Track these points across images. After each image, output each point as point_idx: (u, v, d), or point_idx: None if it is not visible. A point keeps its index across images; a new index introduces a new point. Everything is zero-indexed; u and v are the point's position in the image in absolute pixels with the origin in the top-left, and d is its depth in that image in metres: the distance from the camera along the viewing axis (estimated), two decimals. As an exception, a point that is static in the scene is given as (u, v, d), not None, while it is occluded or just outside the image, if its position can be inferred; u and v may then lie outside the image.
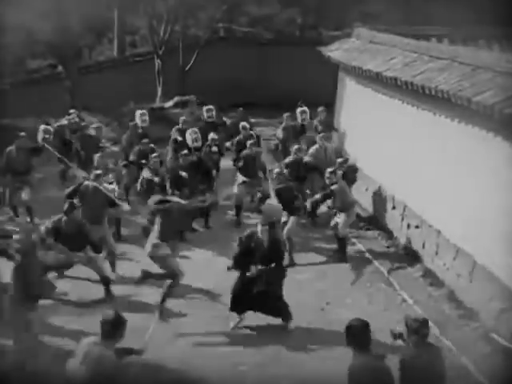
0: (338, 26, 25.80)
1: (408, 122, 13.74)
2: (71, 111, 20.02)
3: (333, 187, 13.35)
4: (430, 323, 7.24)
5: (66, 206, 11.53)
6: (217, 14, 29.37)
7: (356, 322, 6.84)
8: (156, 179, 14.00)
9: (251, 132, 17.19)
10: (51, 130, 16.18)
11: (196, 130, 16.21)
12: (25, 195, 15.00)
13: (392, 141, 14.46)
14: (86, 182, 12.80)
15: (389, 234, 14.39)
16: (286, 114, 18.38)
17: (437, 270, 12.28)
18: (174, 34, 27.84)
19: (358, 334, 6.71)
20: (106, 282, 11.60)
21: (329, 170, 13.68)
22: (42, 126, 16.25)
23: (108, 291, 11.57)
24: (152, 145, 16.15)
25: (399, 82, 13.18)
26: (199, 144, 15.87)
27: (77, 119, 19.44)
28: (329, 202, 13.97)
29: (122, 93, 25.27)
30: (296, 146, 15.56)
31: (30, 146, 15.66)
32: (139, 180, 14.31)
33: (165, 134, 18.76)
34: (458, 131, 11.57)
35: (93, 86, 25.54)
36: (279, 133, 18.16)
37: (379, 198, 15.05)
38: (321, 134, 15.98)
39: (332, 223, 13.58)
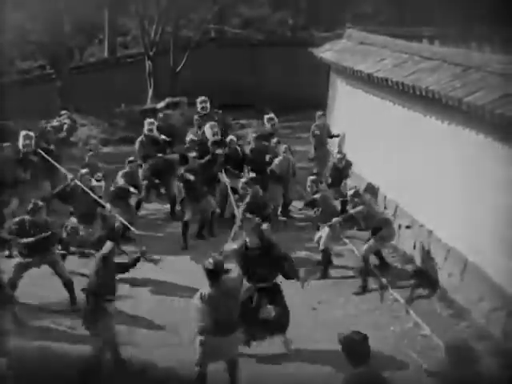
0: (329, 27, 25.84)
1: (399, 122, 13.79)
2: (62, 112, 19.98)
3: (316, 196, 13.16)
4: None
5: (30, 206, 11.31)
6: (208, 15, 29.38)
7: (354, 336, 6.57)
8: (132, 189, 14.09)
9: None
10: (32, 135, 15.63)
11: (215, 123, 16.14)
12: (13, 207, 14.65)
13: (383, 141, 14.51)
14: (75, 182, 12.83)
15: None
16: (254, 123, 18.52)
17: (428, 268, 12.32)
18: (165, 35, 27.80)
19: (356, 348, 6.47)
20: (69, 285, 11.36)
21: (311, 177, 13.54)
22: (23, 132, 15.38)
23: (72, 296, 11.29)
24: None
25: (390, 83, 13.23)
26: (219, 138, 15.75)
27: (68, 120, 19.42)
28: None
29: (113, 94, 25.25)
30: (284, 146, 15.73)
31: (15, 157, 15.00)
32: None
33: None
34: (449, 132, 11.61)
35: (84, 87, 25.48)
36: (252, 142, 18.06)
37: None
38: (285, 145, 15.81)
39: (316, 237, 13.15)
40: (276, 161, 15.45)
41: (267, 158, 15.58)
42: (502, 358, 9.29)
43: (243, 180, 14.03)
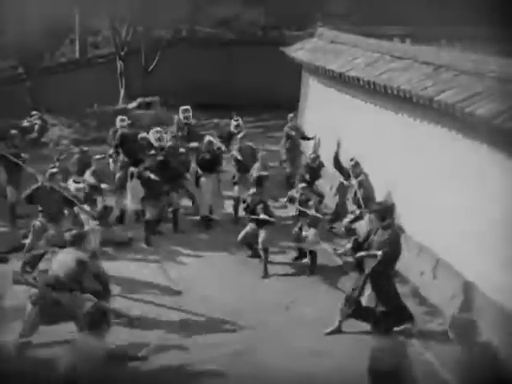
0: (300, 26, 25.85)
1: (371, 121, 13.85)
2: (33, 113, 19.88)
3: (310, 203, 12.91)
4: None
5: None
6: (179, 15, 29.27)
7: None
8: (104, 185, 14.02)
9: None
10: None
11: (160, 129, 16.00)
12: None
13: (355, 140, 14.55)
14: (43, 184, 12.73)
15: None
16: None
17: (401, 267, 12.37)
18: (136, 34, 27.69)
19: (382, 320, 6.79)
20: None
21: (301, 185, 13.45)
22: None
23: None
24: None
25: (362, 82, 13.28)
26: (164, 143, 15.59)
27: (39, 121, 19.34)
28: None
29: (85, 94, 25.09)
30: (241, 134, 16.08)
31: None
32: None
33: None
34: (421, 130, 11.69)
35: (55, 87, 25.31)
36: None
37: (342, 195, 15.01)
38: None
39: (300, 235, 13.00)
40: (235, 148, 15.74)
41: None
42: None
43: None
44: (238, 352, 9.78)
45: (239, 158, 15.38)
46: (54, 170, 13.22)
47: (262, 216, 12.64)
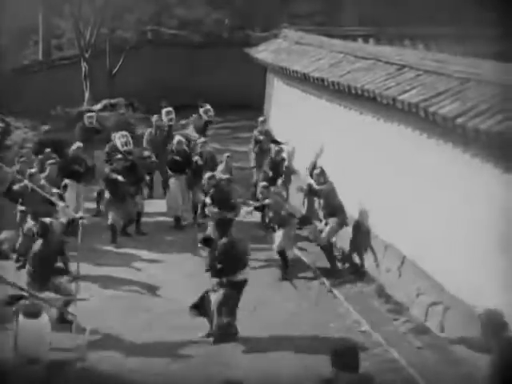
0: (265, 27, 25.89)
1: (336, 121, 13.90)
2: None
3: (267, 201, 12.96)
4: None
5: None
6: (144, 17, 29.17)
7: (344, 346, 6.63)
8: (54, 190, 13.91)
9: None
10: None
11: (125, 133, 15.84)
12: None
13: (320, 140, 14.58)
14: (24, 183, 12.68)
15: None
16: (193, 116, 18.66)
17: (367, 265, 12.45)
18: (101, 36, 27.52)
19: (346, 358, 6.18)
20: None
21: (262, 183, 13.46)
22: None
23: None
24: None
25: (326, 83, 13.33)
26: (130, 148, 15.41)
27: (1, 123, 19.13)
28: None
29: (49, 96, 24.89)
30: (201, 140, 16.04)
31: None
32: None
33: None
34: (384, 130, 11.76)
35: (18, 89, 25.08)
36: (192, 133, 18.17)
37: (310, 197, 15.00)
38: (201, 140, 16.02)
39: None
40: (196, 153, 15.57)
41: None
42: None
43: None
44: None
45: (200, 162, 15.32)
46: (35, 169, 13.18)
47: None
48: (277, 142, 16.84)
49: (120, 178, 14.17)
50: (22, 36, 29.31)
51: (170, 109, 17.54)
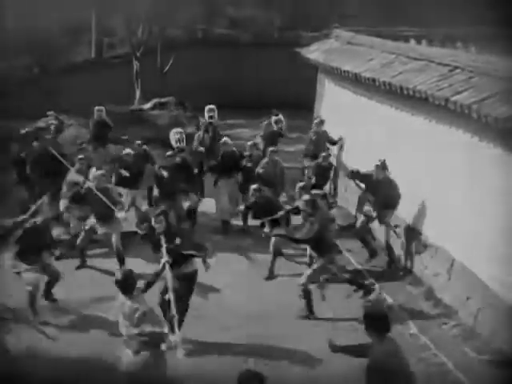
0: (316, 27, 25.82)
1: (386, 122, 13.82)
2: (49, 113, 19.92)
3: (298, 203, 12.40)
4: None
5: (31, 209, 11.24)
6: (195, 16, 29.33)
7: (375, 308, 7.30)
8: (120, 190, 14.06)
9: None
10: None
11: (181, 130, 15.84)
12: None
13: (370, 141, 14.54)
14: (88, 185, 12.88)
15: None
16: (264, 122, 18.36)
17: (415, 268, 12.37)
18: (152, 35, 27.77)
19: (378, 320, 6.84)
20: None
21: (299, 184, 13.22)
22: None
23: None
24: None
25: (378, 83, 13.27)
26: (183, 145, 15.36)
27: (54, 121, 19.36)
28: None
29: (100, 94, 25.12)
30: (271, 148, 15.34)
31: None
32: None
33: (144, 135, 18.76)
34: (437, 131, 11.66)
35: (70, 87, 25.40)
36: (259, 142, 17.92)
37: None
38: (271, 148, 15.33)
39: None
40: (261, 163, 14.98)
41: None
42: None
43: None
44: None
45: (249, 165, 15.17)
46: (101, 171, 13.35)
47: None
48: (333, 143, 16.85)
49: (166, 174, 14.19)
50: (74, 35, 29.68)
51: (212, 106, 17.41)
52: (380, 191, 12.67)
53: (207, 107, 17.44)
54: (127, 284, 7.87)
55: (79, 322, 10.97)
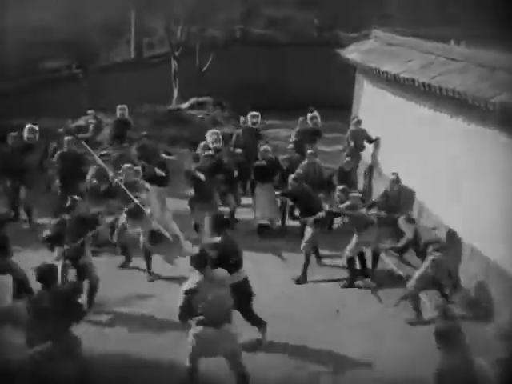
0: (355, 27, 25.76)
1: (425, 123, 13.73)
2: (88, 112, 20.13)
3: (342, 205, 12.53)
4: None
5: (68, 203, 11.42)
6: (234, 16, 29.43)
7: (446, 325, 7.34)
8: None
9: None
10: (36, 129, 15.70)
11: (217, 130, 15.87)
12: (22, 195, 15.17)
13: (408, 142, 14.45)
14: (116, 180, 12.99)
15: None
16: (300, 118, 18.34)
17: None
18: (191, 35, 27.91)
19: (448, 336, 7.11)
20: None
21: (340, 187, 12.97)
22: (27, 126, 15.76)
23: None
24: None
25: (417, 84, 13.17)
26: (220, 145, 15.31)
27: (93, 120, 19.57)
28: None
29: (139, 94, 25.32)
30: (309, 151, 15.41)
31: (23, 144, 15.47)
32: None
33: (180, 135, 18.84)
34: (477, 133, 11.56)
35: (109, 86, 25.61)
36: (293, 136, 18.05)
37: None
38: (310, 151, 15.38)
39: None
40: (301, 165, 15.09)
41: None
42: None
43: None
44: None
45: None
46: (128, 165, 13.40)
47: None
48: (371, 141, 16.89)
49: (202, 176, 14.00)
50: (114, 35, 29.92)
51: (256, 113, 17.62)
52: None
53: (251, 113, 17.63)
54: (202, 260, 8.36)
55: (116, 319, 11.11)
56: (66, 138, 15.44)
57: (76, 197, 11.73)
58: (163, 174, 14.78)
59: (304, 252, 12.69)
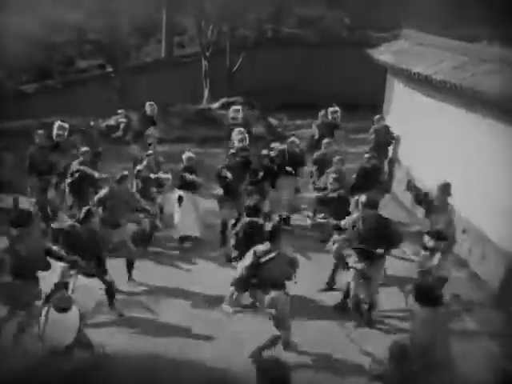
0: (386, 27, 25.62)
1: (456, 125, 13.64)
2: (119, 111, 20.22)
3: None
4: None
5: (82, 214, 10.92)
6: (264, 15, 29.41)
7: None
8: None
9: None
10: (66, 126, 15.56)
11: (242, 129, 15.82)
12: (50, 195, 15.02)
13: (439, 143, 14.36)
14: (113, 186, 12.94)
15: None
16: (320, 113, 18.37)
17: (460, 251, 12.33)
18: (222, 35, 27.95)
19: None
20: None
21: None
22: (57, 123, 15.59)
23: None
24: None
25: (449, 85, 13.08)
26: (245, 144, 15.09)
27: (124, 119, 19.65)
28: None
29: (169, 93, 25.44)
30: (326, 140, 15.72)
31: (50, 143, 15.27)
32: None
33: (212, 135, 18.87)
34: (507, 134, 11.46)
35: (140, 86, 25.73)
36: (314, 129, 18.17)
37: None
38: (339, 157, 14.84)
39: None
40: (316, 153, 15.58)
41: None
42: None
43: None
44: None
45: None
46: (125, 172, 13.33)
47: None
48: (393, 138, 17.09)
49: (229, 175, 13.98)
50: (145, 34, 30.08)
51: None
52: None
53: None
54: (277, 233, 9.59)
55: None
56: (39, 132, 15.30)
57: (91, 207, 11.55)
58: (195, 179, 14.67)
59: (334, 257, 12.11)
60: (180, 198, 14.14)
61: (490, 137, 12.12)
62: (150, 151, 15.09)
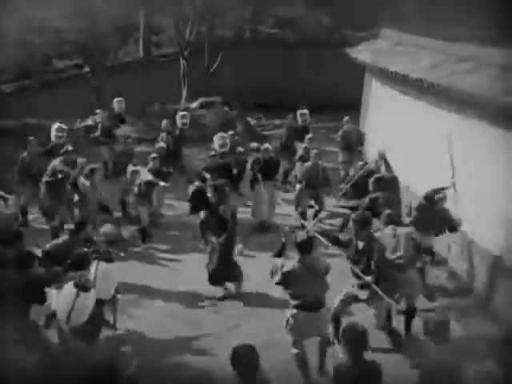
0: (364, 27, 25.65)
1: (434, 123, 13.63)
2: (97, 111, 20.09)
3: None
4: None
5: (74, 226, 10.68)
6: (243, 15, 29.36)
7: (353, 328, 6.83)
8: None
9: None
10: (65, 128, 15.55)
11: (225, 135, 15.82)
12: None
13: (416, 141, 14.35)
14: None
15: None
16: (289, 116, 18.41)
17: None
18: (200, 34, 27.84)
19: (354, 340, 6.74)
20: None
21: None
22: (56, 125, 15.56)
23: None
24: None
25: (426, 84, 13.06)
26: (226, 150, 15.21)
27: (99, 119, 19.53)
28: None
29: (147, 93, 25.31)
30: (303, 145, 16.06)
31: (42, 149, 15.18)
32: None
33: (190, 135, 18.79)
34: (485, 133, 11.44)
35: (118, 86, 25.56)
36: (283, 133, 18.33)
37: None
38: (314, 151, 15.41)
39: None
40: (304, 166, 15.37)
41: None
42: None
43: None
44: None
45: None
46: (95, 165, 13.35)
47: None
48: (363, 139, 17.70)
49: (208, 175, 14.15)
50: (122, 34, 29.91)
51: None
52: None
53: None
54: (307, 245, 8.85)
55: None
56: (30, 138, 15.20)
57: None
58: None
59: None
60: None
61: (471, 137, 12.09)
62: (155, 154, 15.15)
